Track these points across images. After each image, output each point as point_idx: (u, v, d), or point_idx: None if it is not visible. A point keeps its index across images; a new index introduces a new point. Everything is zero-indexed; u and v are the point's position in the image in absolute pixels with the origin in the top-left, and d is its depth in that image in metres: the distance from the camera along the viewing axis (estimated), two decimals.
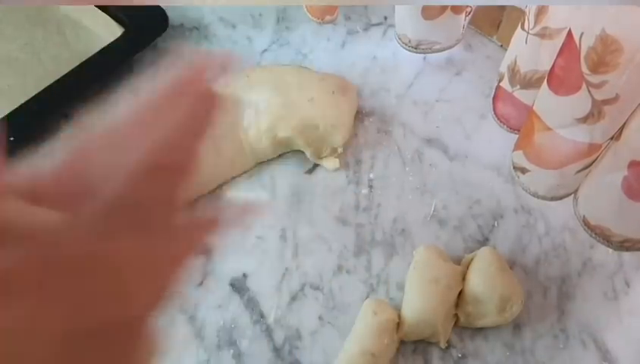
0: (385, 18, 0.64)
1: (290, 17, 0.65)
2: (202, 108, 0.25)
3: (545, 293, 0.47)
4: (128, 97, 0.58)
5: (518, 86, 0.49)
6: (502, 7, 0.58)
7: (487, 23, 0.61)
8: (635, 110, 0.37)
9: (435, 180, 0.53)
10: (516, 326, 0.45)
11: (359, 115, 0.56)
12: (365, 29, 0.64)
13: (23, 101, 0.53)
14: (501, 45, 0.61)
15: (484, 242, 0.49)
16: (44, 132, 0.56)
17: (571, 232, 0.49)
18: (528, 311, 0.46)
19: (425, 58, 0.60)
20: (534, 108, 0.44)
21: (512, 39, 0.48)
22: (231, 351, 0.44)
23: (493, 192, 0.52)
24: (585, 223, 0.48)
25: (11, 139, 0.52)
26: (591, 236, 0.47)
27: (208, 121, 0.24)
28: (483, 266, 0.44)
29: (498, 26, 0.60)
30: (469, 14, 0.57)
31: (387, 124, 0.56)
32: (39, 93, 0.54)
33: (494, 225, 0.50)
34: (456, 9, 0.54)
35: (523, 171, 0.49)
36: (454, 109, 0.57)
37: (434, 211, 0.51)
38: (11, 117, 0.52)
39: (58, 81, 0.54)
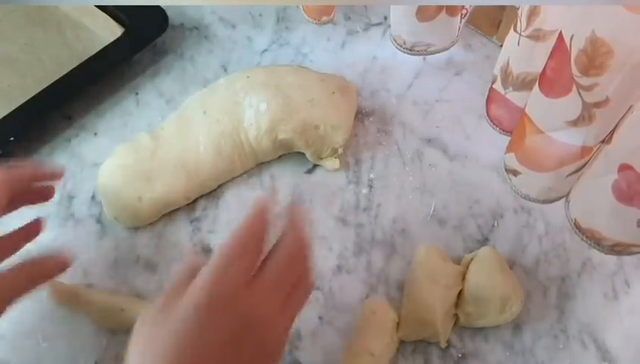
0: (385, 18, 0.64)
1: (289, 17, 0.65)
2: None
3: (545, 293, 0.47)
4: (128, 97, 0.58)
5: (510, 88, 0.49)
6: (502, 7, 0.58)
7: (487, 23, 0.61)
8: (625, 113, 0.37)
9: (435, 180, 0.53)
10: (516, 326, 0.45)
11: (359, 115, 0.56)
12: (365, 29, 0.64)
13: (23, 101, 0.53)
14: (501, 45, 0.60)
15: (484, 242, 0.49)
16: (44, 132, 0.56)
17: (571, 232, 0.49)
18: (528, 311, 0.46)
19: (424, 59, 0.61)
20: (525, 110, 0.44)
21: (505, 41, 0.48)
22: None
23: (493, 192, 0.52)
24: (577, 226, 0.48)
25: (11, 139, 0.52)
26: (582, 239, 0.47)
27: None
28: (483, 266, 0.44)
29: (498, 26, 0.60)
30: (465, 16, 0.57)
31: (387, 124, 0.56)
32: (39, 93, 0.54)
33: (493, 225, 0.50)
34: (452, 11, 0.54)
35: (515, 173, 0.49)
36: (454, 109, 0.57)
37: (434, 211, 0.51)
38: (11, 117, 0.52)
39: (58, 81, 0.54)
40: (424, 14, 0.53)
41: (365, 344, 0.42)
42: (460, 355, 0.44)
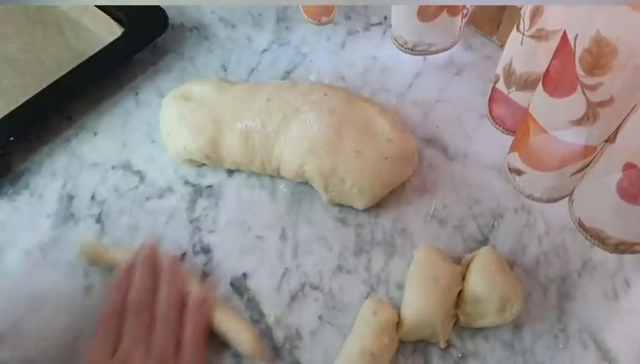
0: (385, 18, 0.64)
1: (289, 17, 0.65)
2: None
3: (545, 293, 0.47)
4: (128, 97, 0.58)
5: (513, 88, 0.49)
6: (502, 7, 0.58)
7: (487, 23, 0.61)
8: (629, 112, 0.38)
9: (435, 180, 0.53)
10: (516, 326, 0.45)
11: None
12: (365, 29, 0.64)
13: (23, 101, 0.53)
14: (501, 45, 0.61)
15: (484, 242, 0.49)
16: (44, 132, 0.56)
17: (571, 232, 0.49)
18: (528, 311, 0.46)
19: (424, 58, 0.61)
20: (529, 109, 0.44)
21: (508, 41, 0.48)
22: (231, 351, 0.44)
23: (493, 192, 0.52)
24: (580, 225, 0.48)
25: (11, 139, 0.52)
26: (586, 238, 0.47)
27: None
28: (483, 266, 0.44)
29: (498, 26, 0.60)
30: (466, 15, 0.57)
31: None
32: (39, 93, 0.54)
33: (494, 225, 0.50)
34: (453, 11, 0.54)
35: (519, 172, 0.49)
36: (454, 109, 0.57)
37: (434, 211, 0.51)
38: (11, 117, 0.52)
39: (57, 81, 0.54)
40: (425, 14, 0.53)
41: (365, 344, 0.42)
42: (460, 355, 0.44)
